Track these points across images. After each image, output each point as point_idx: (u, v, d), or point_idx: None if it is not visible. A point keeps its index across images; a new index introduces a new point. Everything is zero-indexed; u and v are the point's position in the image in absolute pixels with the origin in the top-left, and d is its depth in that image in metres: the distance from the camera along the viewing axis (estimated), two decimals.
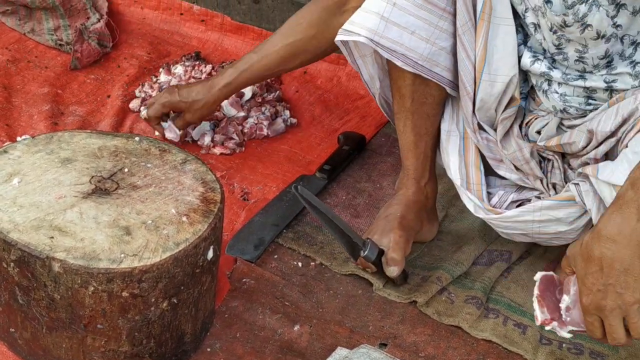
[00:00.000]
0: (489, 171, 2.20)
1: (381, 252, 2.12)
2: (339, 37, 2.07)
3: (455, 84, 2.11)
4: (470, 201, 2.15)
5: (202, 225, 1.79)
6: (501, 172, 2.17)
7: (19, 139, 2.44)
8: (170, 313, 1.78)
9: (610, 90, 1.96)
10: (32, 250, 1.66)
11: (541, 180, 2.12)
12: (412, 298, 2.14)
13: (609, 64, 1.94)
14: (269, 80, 2.90)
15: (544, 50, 2.00)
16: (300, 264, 2.25)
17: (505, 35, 2.00)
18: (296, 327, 2.03)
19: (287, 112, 2.80)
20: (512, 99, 2.09)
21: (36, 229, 1.71)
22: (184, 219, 1.79)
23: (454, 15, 2.01)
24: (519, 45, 2.04)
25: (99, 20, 3.12)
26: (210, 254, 1.82)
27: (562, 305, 1.73)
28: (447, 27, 2.02)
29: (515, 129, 2.13)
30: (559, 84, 2.02)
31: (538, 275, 1.79)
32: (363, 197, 2.50)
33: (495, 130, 2.13)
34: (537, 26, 1.97)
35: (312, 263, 2.26)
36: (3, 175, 1.85)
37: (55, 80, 2.92)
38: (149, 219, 1.78)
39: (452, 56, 2.07)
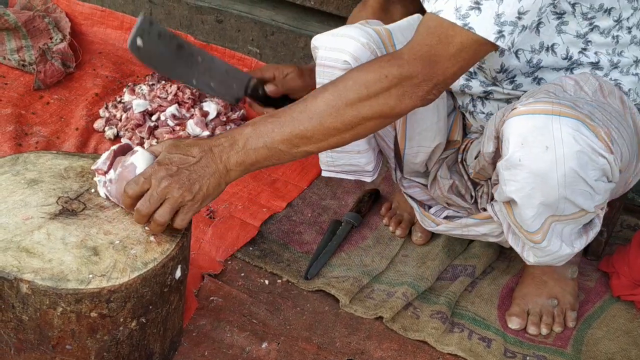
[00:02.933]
0: None
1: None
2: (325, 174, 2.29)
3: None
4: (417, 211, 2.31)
5: (170, 245, 1.80)
6: (432, 211, 2.30)
7: None
8: (138, 333, 1.78)
9: None
10: None
11: (468, 209, 2.21)
12: (378, 314, 2.16)
13: (512, 80, 2.00)
14: None
15: None
16: (267, 282, 2.26)
17: (424, 110, 2.06)
18: (264, 345, 2.04)
19: None
20: (453, 142, 2.20)
21: (3, 250, 1.71)
22: (152, 238, 1.80)
23: None
24: None
25: (62, 41, 3.12)
26: (178, 273, 1.82)
27: (107, 177, 1.84)
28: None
29: (444, 167, 2.22)
30: (483, 102, 2.09)
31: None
32: (328, 214, 2.53)
33: (428, 172, 2.28)
34: None
35: (279, 280, 2.27)
36: None
37: (19, 100, 2.91)
38: (117, 239, 1.78)
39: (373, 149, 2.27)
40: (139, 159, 1.80)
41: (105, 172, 1.85)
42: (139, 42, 2.11)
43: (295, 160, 1.87)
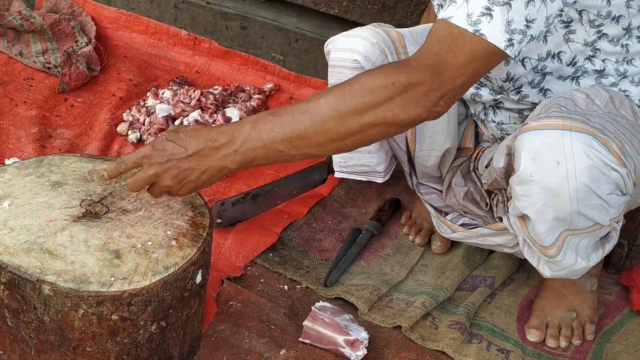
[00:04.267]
0: None
1: None
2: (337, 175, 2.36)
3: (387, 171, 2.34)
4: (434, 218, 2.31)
5: (191, 250, 1.81)
6: (449, 217, 2.29)
7: (7, 161, 2.46)
8: (158, 336, 1.79)
9: None
10: (22, 273, 1.67)
11: (484, 217, 2.21)
12: (397, 323, 2.16)
13: (518, 90, 2.00)
14: (255, 105, 2.93)
15: None
16: (286, 287, 2.27)
17: None
18: (282, 352, 2.04)
19: None
20: (465, 150, 2.20)
21: (26, 251, 1.72)
22: (174, 243, 1.81)
23: None
24: None
25: (87, 44, 3.14)
26: (198, 278, 1.83)
27: None
28: None
29: (458, 174, 2.23)
30: (494, 111, 2.09)
31: None
32: (348, 222, 2.53)
33: (443, 178, 2.29)
34: None
35: (298, 287, 2.28)
36: None
37: (43, 103, 2.94)
38: (139, 243, 1.79)
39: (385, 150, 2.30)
40: None
41: None
42: (219, 221, 2.35)
43: (295, 161, 1.84)
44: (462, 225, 2.23)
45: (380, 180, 2.30)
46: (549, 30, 1.86)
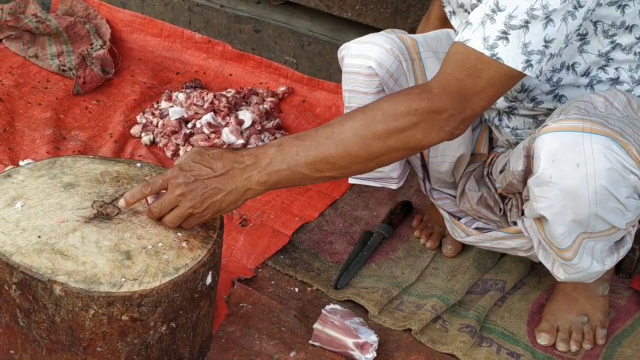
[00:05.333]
0: None
1: None
2: (351, 181, 2.32)
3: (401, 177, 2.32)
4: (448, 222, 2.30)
5: (201, 251, 1.82)
6: (463, 221, 2.28)
7: (21, 162, 2.48)
8: (168, 337, 1.80)
9: None
10: (34, 274, 1.69)
11: (498, 222, 2.20)
12: (407, 326, 2.16)
13: (532, 99, 2.00)
14: (268, 108, 2.94)
15: None
16: (297, 290, 2.28)
17: None
18: (292, 354, 2.05)
19: None
20: (479, 155, 2.19)
21: (38, 252, 1.74)
22: (184, 244, 1.82)
23: None
24: None
25: (101, 47, 3.16)
26: (209, 279, 1.84)
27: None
28: None
29: (471, 180, 2.22)
30: (509, 117, 2.08)
31: None
32: (360, 225, 2.54)
33: (456, 184, 2.28)
34: None
35: (309, 289, 2.29)
36: (6, 199, 1.87)
37: (58, 105, 2.96)
38: (150, 244, 1.80)
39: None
40: None
41: None
42: None
43: (317, 184, 1.87)
44: (476, 229, 2.23)
45: (394, 187, 2.30)
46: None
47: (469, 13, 1.95)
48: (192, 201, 1.78)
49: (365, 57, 2.06)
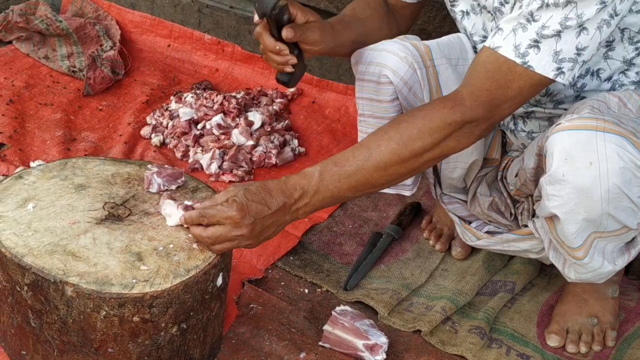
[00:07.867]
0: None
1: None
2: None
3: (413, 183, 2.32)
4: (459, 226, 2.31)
5: (212, 253, 1.82)
6: (473, 225, 2.29)
7: (32, 164, 2.49)
8: (179, 338, 1.81)
9: None
10: (45, 275, 1.70)
11: (509, 226, 2.21)
12: (417, 327, 2.17)
13: (555, 101, 2.01)
14: (277, 109, 2.94)
15: None
16: (306, 291, 2.28)
17: None
18: (302, 355, 2.05)
19: (296, 141, 2.84)
20: (492, 160, 2.19)
21: (50, 253, 1.75)
22: (195, 245, 1.83)
23: None
24: None
25: (111, 48, 3.17)
26: (219, 281, 1.85)
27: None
28: None
29: (483, 184, 2.22)
30: (524, 121, 2.09)
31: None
32: (369, 226, 2.54)
33: (467, 189, 2.28)
34: None
35: (319, 290, 2.29)
36: (18, 200, 1.88)
37: (68, 106, 2.96)
38: (161, 246, 1.81)
39: None
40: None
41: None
42: None
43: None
44: (486, 232, 2.24)
45: (408, 193, 2.30)
46: None
47: (491, 14, 1.96)
48: (249, 240, 1.82)
49: (380, 65, 2.05)
